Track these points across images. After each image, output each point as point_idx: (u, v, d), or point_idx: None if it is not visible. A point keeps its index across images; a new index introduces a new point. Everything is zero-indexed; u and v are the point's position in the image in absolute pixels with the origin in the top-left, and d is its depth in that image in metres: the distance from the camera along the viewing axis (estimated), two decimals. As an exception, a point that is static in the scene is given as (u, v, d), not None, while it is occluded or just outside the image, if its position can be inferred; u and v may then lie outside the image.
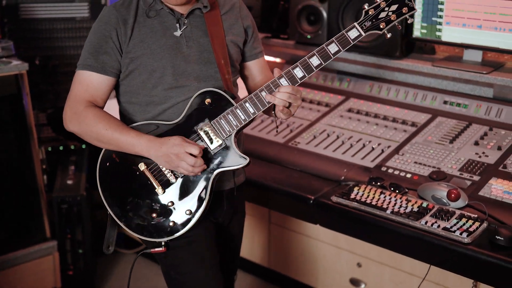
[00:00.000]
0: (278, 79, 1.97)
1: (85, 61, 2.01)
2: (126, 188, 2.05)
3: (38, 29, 3.45)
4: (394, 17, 1.96)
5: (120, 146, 1.99)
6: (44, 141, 3.43)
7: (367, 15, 1.96)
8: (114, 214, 2.05)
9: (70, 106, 2.02)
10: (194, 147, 1.93)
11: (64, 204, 3.12)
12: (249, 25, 2.19)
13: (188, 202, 2.01)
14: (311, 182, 2.58)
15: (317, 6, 3.24)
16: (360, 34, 1.96)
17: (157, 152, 1.95)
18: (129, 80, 2.05)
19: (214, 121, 1.99)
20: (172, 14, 2.04)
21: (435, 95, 2.92)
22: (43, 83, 3.45)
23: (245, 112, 1.99)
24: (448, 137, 2.67)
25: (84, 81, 2.01)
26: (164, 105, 2.04)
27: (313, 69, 1.98)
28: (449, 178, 2.41)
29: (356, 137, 2.79)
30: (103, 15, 2.03)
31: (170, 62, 2.01)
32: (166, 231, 2.01)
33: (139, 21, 2.02)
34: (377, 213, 2.27)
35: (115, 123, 2.00)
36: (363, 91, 3.12)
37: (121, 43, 2.00)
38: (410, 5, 1.95)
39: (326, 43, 1.97)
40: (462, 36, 2.82)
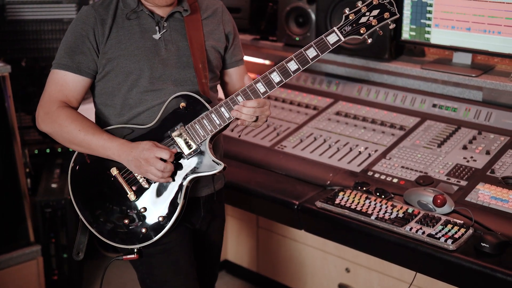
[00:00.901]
0: (254, 84, 1.93)
1: (61, 60, 1.97)
2: (98, 192, 2.01)
3: (25, 31, 3.42)
4: (375, 22, 1.92)
5: (91, 148, 1.95)
6: (31, 143, 3.39)
7: (347, 19, 1.92)
8: (85, 220, 2.01)
9: (42, 106, 1.98)
10: (165, 151, 1.89)
11: (48, 208, 3.07)
12: (230, 32, 2.15)
13: (162, 208, 1.96)
14: (296, 187, 2.54)
15: (306, 8, 3.20)
16: (340, 39, 1.92)
17: (127, 156, 1.91)
18: (105, 82, 2.00)
19: (188, 125, 1.95)
20: (152, 17, 2.01)
21: (424, 98, 2.88)
22: (29, 85, 3.41)
23: (220, 117, 1.95)
24: (436, 141, 2.63)
25: (58, 81, 1.97)
26: (139, 108, 2.00)
27: (290, 74, 1.94)
28: (436, 183, 2.37)
29: (343, 140, 2.75)
30: (81, 14, 1.99)
31: (147, 65, 1.97)
32: (138, 237, 1.97)
33: (118, 22, 1.99)
34: (362, 218, 2.23)
35: (88, 125, 1.96)
36: (351, 94, 3.08)
37: (98, 43, 1.96)
38: (392, 10, 1.91)
39: (304, 48, 1.93)
40: (451, 39, 2.78)
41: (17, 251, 3.02)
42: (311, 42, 1.94)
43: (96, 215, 2.00)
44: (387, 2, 1.91)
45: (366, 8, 1.92)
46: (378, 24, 1.93)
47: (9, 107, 2.94)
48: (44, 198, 3.07)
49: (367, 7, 1.92)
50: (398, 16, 1.93)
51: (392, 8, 1.91)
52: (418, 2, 2.83)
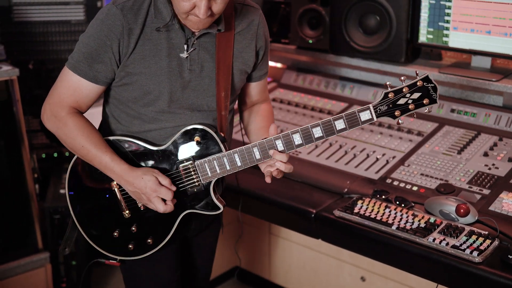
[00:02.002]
0: (274, 140, 1.85)
1: (79, 64, 1.84)
2: (93, 198, 1.99)
3: (32, 33, 3.36)
4: (412, 107, 1.79)
5: (93, 164, 1.91)
6: (38, 147, 3.33)
7: (386, 98, 1.79)
8: (75, 217, 2.00)
9: (51, 105, 1.89)
10: (167, 193, 1.86)
11: (57, 214, 3.01)
12: (262, 46, 2.02)
13: (152, 232, 1.96)
14: (313, 195, 2.47)
15: (320, 10, 3.13)
16: (372, 118, 1.81)
17: (128, 186, 1.89)
18: (120, 91, 1.92)
19: (198, 162, 1.90)
20: (183, 31, 1.85)
21: (442, 103, 2.81)
22: (37, 88, 3.35)
23: (231, 163, 1.89)
24: (456, 147, 2.56)
25: (72, 85, 1.87)
26: (152, 125, 1.93)
27: (312, 140, 1.85)
28: (457, 192, 2.30)
29: (360, 146, 2.68)
30: (108, 17, 1.80)
31: (167, 88, 1.87)
32: (123, 251, 1.98)
33: (146, 33, 1.83)
34: (382, 228, 2.16)
35: (94, 140, 1.88)
36: (366, 98, 3.01)
37: (121, 55, 1.83)
38: (434, 97, 1.78)
39: (334, 117, 1.82)
40: (470, 42, 2.71)
41: (25, 258, 2.97)
42: (343, 113, 1.82)
43: (87, 217, 2.00)
44: (431, 86, 1.78)
45: (408, 89, 1.78)
46: (415, 109, 1.80)
47: (18, 111, 2.88)
48: (53, 204, 3.01)
49: (409, 89, 1.78)
50: (437, 104, 1.80)
51: (434, 95, 1.78)
52: (436, 4, 2.76)
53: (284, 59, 3.43)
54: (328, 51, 3.14)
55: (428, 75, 1.79)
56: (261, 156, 1.87)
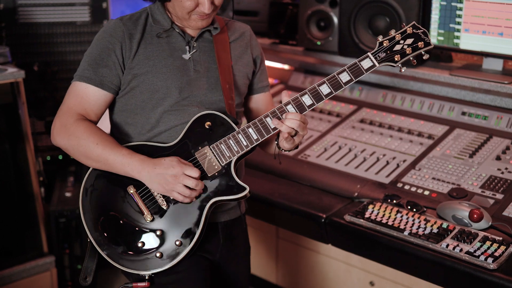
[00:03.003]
0: (285, 106, 1.84)
1: (83, 72, 1.87)
2: (111, 212, 1.88)
3: (37, 34, 3.33)
4: (409, 51, 1.87)
5: (109, 164, 1.83)
6: (43, 150, 3.30)
7: (382, 46, 1.87)
8: (95, 241, 1.87)
9: (60, 117, 1.87)
10: (194, 169, 1.79)
11: (62, 217, 2.99)
12: (258, 56, 2.09)
13: (179, 232, 1.84)
14: (322, 199, 2.44)
15: (328, 11, 3.09)
16: (374, 64, 1.86)
17: (150, 173, 1.79)
18: (128, 98, 1.90)
19: (213, 145, 1.86)
20: (182, 36, 1.92)
21: (452, 106, 2.77)
22: (41, 90, 3.32)
23: (247, 138, 1.85)
24: (467, 151, 2.52)
25: (79, 94, 1.87)
26: (161, 127, 1.90)
27: (322, 97, 1.86)
28: (470, 196, 2.26)
29: (370, 150, 2.65)
30: (108, 27, 1.90)
31: (175, 84, 1.88)
32: (151, 263, 1.83)
33: (146, 38, 1.90)
34: (394, 234, 2.13)
35: (106, 139, 1.84)
36: (376, 101, 2.98)
37: (124, 58, 1.87)
38: (426, 40, 1.87)
39: (337, 72, 1.86)
40: (482, 44, 2.67)
41: (30, 262, 2.94)
42: (345, 66, 1.87)
43: (107, 236, 1.86)
44: (421, 32, 1.87)
45: (400, 36, 1.87)
46: (412, 53, 1.88)
47: (23, 114, 2.85)
48: (58, 208, 2.98)
49: (401, 35, 1.87)
50: (433, 47, 1.89)
51: (426, 38, 1.87)
52: (447, 6, 2.72)
53: (292, 61, 3.40)
54: (337, 52, 3.10)
55: (414, 22, 1.89)
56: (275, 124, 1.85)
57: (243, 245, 2.18)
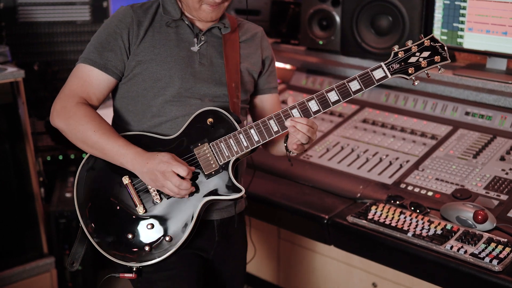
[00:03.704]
0: (290, 109, 1.80)
1: (88, 55, 1.86)
2: (103, 201, 1.86)
3: (37, 33, 3.31)
4: (424, 64, 1.81)
5: (104, 152, 1.81)
6: (43, 150, 3.28)
7: (396, 57, 1.80)
8: (85, 228, 1.86)
9: (61, 98, 1.85)
10: (182, 167, 1.74)
11: (62, 218, 2.97)
12: (268, 57, 2.06)
13: (170, 227, 1.82)
14: (324, 200, 2.42)
15: (330, 11, 3.07)
16: (386, 75, 1.80)
17: (142, 167, 1.77)
18: (130, 85, 1.89)
19: (213, 143, 1.83)
20: (191, 28, 1.91)
21: (456, 106, 2.75)
22: (42, 89, 3.30)
23: (248, 138, 1.82)
24: (471, 151, 2.50)
25: (82, 76, 1.86)
26: (161, 118, 1.87)
27: (330, 105, 1.81)
28: (474, 197, 2.24)
29: (372, 150, 2.62)
30: (118, 12, 1.91)
31: (178, 74, 1.86)
32: (139, 256, 1.82)
33: (155, 27, 1.89)
34: (398, 235, 2.10)
35: (105, 127, 1.82)
36: (378, 101, 2.95)
37: (130, 43, 1.86)
38: (444, 54, 1.81)
39: (348, 79, 1.81)
40: (485, 43, 2.65)
41: (30, 263, 2.92)
42: (356, 74, 1.82)
43: (98, 225, 1.85)
44: (439, 45, 1.81)
45: (417, 48, 1.81)
46: (427, 67, 1.82)
47: (23, 114, 2.83)
48: (58, 208, 2.96)
49: (417, 47, 1.81)
50: (449, 61, 1.83)
51: (443, 53, 1.81)
52: (450, 5, 2.70)
53: (294, 60, 3.37)
54: (339, 52, 3.08)
55: (433, 35, 1.83)
56: (278, 128, 1.82)
57: (240, 244, 2.15)
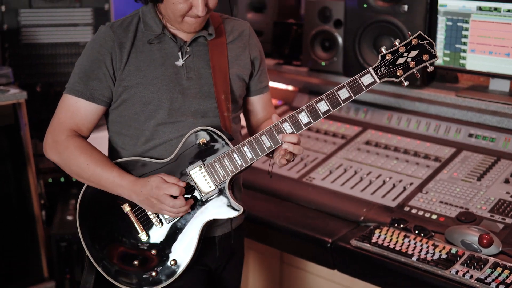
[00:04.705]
0: (281, 124, 1.80)
1: (74, 85, 1.84)
2: (107, 229, 1.88)
3: (40, 55, 3.33)
4: (413, 64, 1.79)
5: (101, 184, 1.82)
6: (44, 172, 3.27)
7: (384, 60, 1.79)
8: (92, 257, 1.88)
9: (51, 132, 1.85)
10: (173, 187, 1.74)
11: (63, 241, 2.95)
12: (257, 57, 2.01)
13: (174, 250, 1.83)
14: (328, 223, 2.39)
15: (332, 32, 3.07)
16: (375, 81, 1.79)
17: (138, 196, 1.79)
18: (121, 111, 1.88)
19: (207, 163, 1.82)
20: (174, 41, 1.87)
21: (459, 127, 2.73)
22: (44, 111, 3.30)
23: (242, 156, 1.81)
24: (475, 173, 2.48)
25: (70, 107, 1.84)
26: (155, 140, 1.87)
27: (320, 115, 1.80)
28: (479, 221, 2.21)
29: (375, 172, 2.60)
30: (98, 36, 1.85)
31: (166, 95, 1.84)
32: (147, 281, 1.84)
33: (137, 46, 1.85)
34: (402, 260, 2.08)
35: (98, 158, 1.82)
36: (381, 122, 2.94)
37: (115, 69, 1.83)
38: (432, 52, 1.79)
39: (336, 88, 1.81)
40: (488, 65, 2.64)
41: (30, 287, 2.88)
42: (344, 82, 1.81)
43: (104, 253, 1.87)
44: (426, 43, 1.79)
45: (404, 48, 1.79)
46: (416, 67, 1.80)
47: (25, 135, 2.83)
48: (59, 232, 2.95)
49: (405, 48, 1.79)
50: (438, 59, 1.82)
51: (432, 50, 1.78)
52: (452, 26, 2.70)
53: (296, 81, 3.37)
54: (341, 73, 3.07)
55: (420, 32, 1.79)
56: (271, 143, 1.81)
57: (238, 255, 2.17)
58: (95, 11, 3.39)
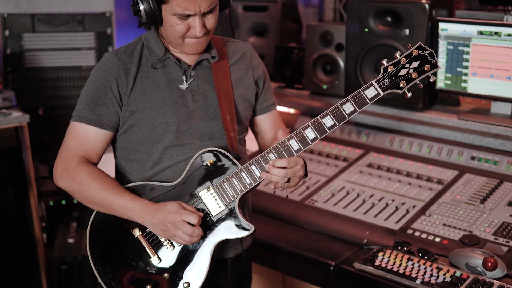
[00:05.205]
0: (287, 140, 1.80)
1: (81, 112, 1.84)
2: (118, 255, 1.86)
3: (43, 78, 3.35)
4: (415, 75, 1.80)
5: (112, 209, 1.82)
6: (46, 195, 3.27)
7: (386, 72, 1.80)
8: (104, 284, 1.85)
9: (61, 161, 1.85)
10: (193, 215, 1.75)
11: (64, 264, 2.93)
12: (260, 75, 2.02)
13: (187, 273, 1.82)
14: (331, 246, 2.38)
15: (334, 55, 3.09)
16: (378, 93, 1.80)
17: (151, 219, 1.78)
18: (128, 135, 1.88)
19: (216, 184, 1.82)
20: (179, 65, 1.88)
21: (461, 150, 2.73)
22: (46, 134, 3.31)
23: (250, 175, 1.81)
24: (478, 196, 2.47)
25: (79, 135, 1.84)
26: (163, 164, 1.87)
27: (326, 130, 1.80)
28: (482, 243, 2.20)
29: (378, 195, 2.60)
30: (103, 63, 1.87)
31: (173, 118, 1.85)
32: None
33: (142, 71, 1.86)
34: (406, 283, 2.06)
35: (109, 183, 1.82)
36: (383, 145, 2.94)
37: (121, 94, 1.84)
38: (433, 62, 1.80)
39: (340, 102, 1.80)
40: (490, 88, 2.65)
41: (30, 311, 2.87)
42: (348, 96, 1.81)
43: (117, 279, 1.85)
44: (427, 53, 1.80)
45: (406, 59, 1.80)
46: (418, 77, 1.81)
47: (27, 158, 2.82)
48: (60, 254, 2.93)
49: (406, 59, 1.80)
50: (439, 68, 1.83)
51: (433, 60, 1.80)
52: (454, 50, 2.72)
53: (298, 104, 3.38)
54: (343, 96, 3.08)
55: (420, 43, 1.80)
56: None
57: (248, 277, 2.16)
58: (97, 35, 3.42)
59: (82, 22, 3.38)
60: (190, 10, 1.73)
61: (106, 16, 3.41)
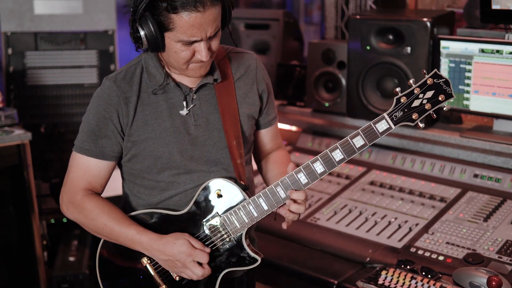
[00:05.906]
0: (296, 174, 1.76)
1: (83, 144, 1.82)
2: (128, 283, 1.87)
3: (45, 96, 3.36)
4: (429, 106, 1.69)
5: (120, 241, 1.82)
6: (47, 212, 3.26)
7: (399, 104, 1.70)
8: None
9: (66, 193, 1.85)
10: (202, 255, 1.75)
11: (65, 283, 2.92)
12: (264, 90, 1.96)
13: None
14: (333, 264, 2.36)
15: (336, 73, 3.10)
16: (390, 127, 1.72)
17: (160, 255, 1.79)
18: (133, 164, 1.86)
19: (224, 216, 1.80)
20: (180, 89, 1.83)
21: (464, 168, 2.73)
22: (48, 151, 3.31)
23: (257, 208, 1.79)
24: (481, 214, 2.46)
25: (81, 167, 1.83)
26: (171, 191, 1.85)
27: (335, 164, 1.74)
28: (486, 262, 2.19)
29: (381, 213, 2.59)
30: (103, 91, 1.81)
31: (176, 147, 1.82)
32: None
33: (143, 98, 1.81)
34: (409, 302, 2.04)
35: (115, 216, 1.82)
36: (385, 163, 2.93)
37: (122, 125, 1.80)
38: (448, 91, 1.68)
39: (351, 136, 1.73)
40: (492, 106, 2.65)
41: (30, 330, 2.85)
42: (359, 129, 1.74)
43: None
44: (442, 81, 1.68)
45: (420, 89, 1.68)
46: (432, 109, 1.70)
47: (28, 176, 2.82)
48: (61, 273, 2.91)
49: (420, 89, 1.69)
50: (454, 98, 1.73)
51: (448, 89, 1.68)
52: (455, 68, 2.72)
53: (300, 122, 3.38)
54: (345, 114, 3.09)
55: (436, 71, 1.69)
56: (286, 195, 1.78)
57: None
58: (99, 53, 3.43)
59: (85, 40, 3.40)
60: (197, 37, 1.66)
61: (108, 34, 3.42)
